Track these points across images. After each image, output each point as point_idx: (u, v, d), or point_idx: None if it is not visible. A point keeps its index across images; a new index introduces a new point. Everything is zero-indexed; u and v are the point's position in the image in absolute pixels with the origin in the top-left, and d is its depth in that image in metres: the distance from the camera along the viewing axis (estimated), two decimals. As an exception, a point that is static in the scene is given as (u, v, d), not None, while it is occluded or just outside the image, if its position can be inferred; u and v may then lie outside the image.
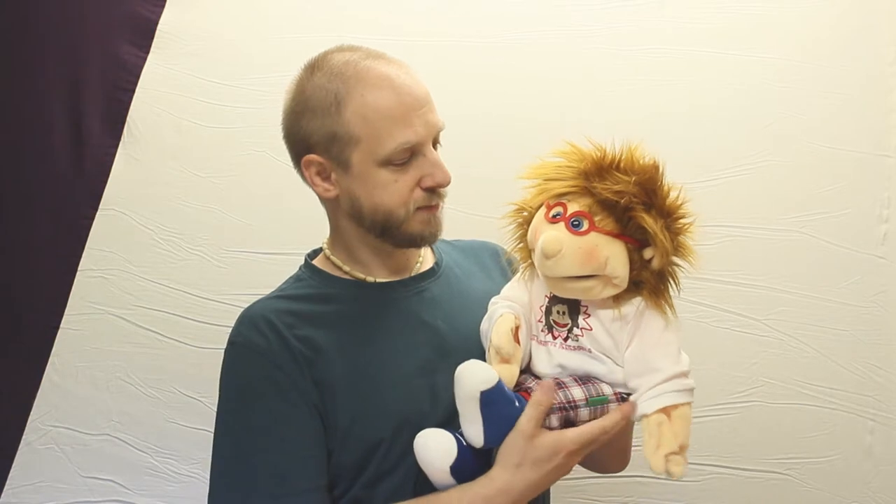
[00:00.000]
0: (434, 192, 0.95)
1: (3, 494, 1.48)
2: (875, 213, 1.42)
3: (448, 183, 0.94)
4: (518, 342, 0.91)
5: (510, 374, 0.89)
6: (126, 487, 1.49)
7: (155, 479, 1.49)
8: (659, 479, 1.42)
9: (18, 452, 1.48)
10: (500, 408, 0.86)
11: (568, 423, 0.89)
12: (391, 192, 0.92)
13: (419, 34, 1.46)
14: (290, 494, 0.88)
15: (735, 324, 1.42)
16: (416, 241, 0.97)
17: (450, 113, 0.97)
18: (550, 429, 0.88)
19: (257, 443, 0.90)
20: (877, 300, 1.41)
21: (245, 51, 1.49)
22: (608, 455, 1.04)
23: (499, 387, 0.85)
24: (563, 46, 1.46)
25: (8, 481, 1.48)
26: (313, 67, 0.94)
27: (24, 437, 1.48)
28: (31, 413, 1.48)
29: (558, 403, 0.88)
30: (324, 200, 1.00)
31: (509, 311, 0.93)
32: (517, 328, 0.92)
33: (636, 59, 1.45)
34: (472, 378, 0.85)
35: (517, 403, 0.87)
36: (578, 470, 1.18)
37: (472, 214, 1.08)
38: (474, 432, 0.85)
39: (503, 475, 0.87)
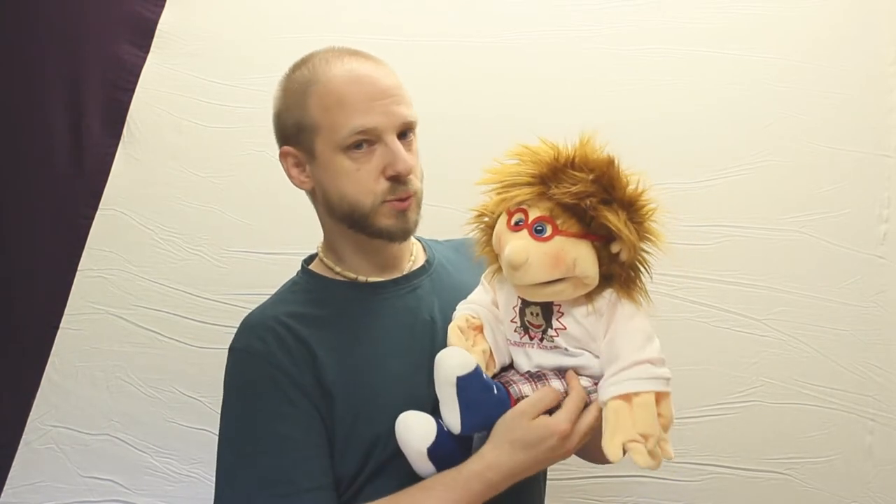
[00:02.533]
0: (399, 182, 0.94)
1: (3, 494, 1.48)
2: (875, 213, 1.42)
3: (408, 172, 0.94)
4: (482, 335, 0.93)
5: None
6: (126, 487, 1.49)
7: (155, 479, 1.49)
8: (659, 478, 1.42)
9: (18, 452, 1.48)
10: (477, 394, 0.86)
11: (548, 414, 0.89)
12: (353, 180, 0.93)
13: (419, 34, 1.46)
14: (296, 493, 0.88)
15: (735, 324, 1.42)
16: (385, 235, 0.97)
17: (449, 113, 0.97)
18: None
19: (260, 443, 0.90)
20: (877, 300, 1.41)
21: (245, 51, 1.49)
22: (598, 445, 1.04)
23: (476, 373, 0.86)
24: (563, 46, 1.46)
25: (8, 481, 1.48)
26: (294, 67, 0.99)
27: (24, 436, 1.48)
28: (31, 413, 1.48)
29: None
30: (309, 196, 1.02)
31: (466, 311, 0.95)
32: (479, 326, 0.93)
33: (636, 59, 1.45)
34: (448, 363, 0.86)
35: (496, 391, 0.87)
36: (578, 469, 1.18)
37: (467, 213, 1.08)
38: (452, 418, 0.86)
39: (494, 452, 0.87)
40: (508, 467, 0.87)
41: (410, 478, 0.91)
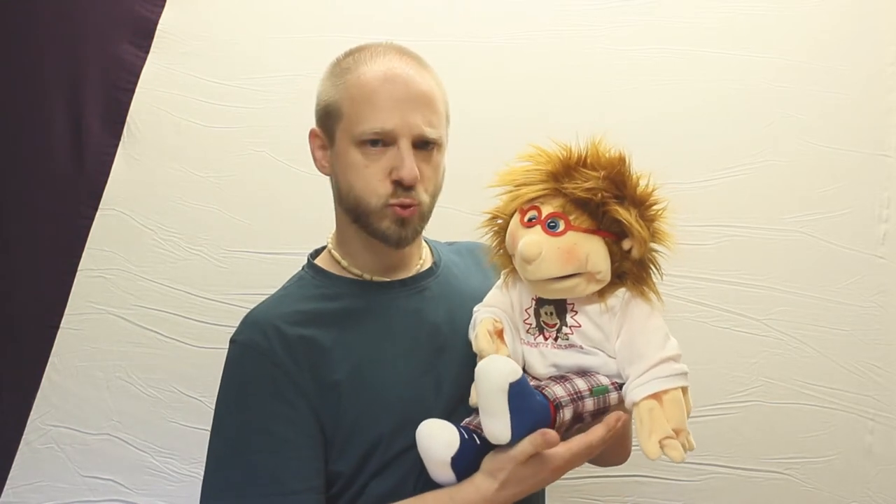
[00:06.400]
0: (403, 188, 0.93)
1: (3, 494, 1.48)
2: (875, 213, 1.42)
3: (410, 181, 0.92)
4: (503, 341, 0.92)
5: None
6: (126, 487, 1.49)
7: (155, 479, 1.49)
8: (659, 478, 1.42)
9: (18, 452, 1.48)
10: (527, 398, 0.84)
11: (576, 414, 0.88)
12: (361, 176, 0.94)
13: (419, 34, 1.44)
14: (282, 494, 0.88)
15: (735, 324, 1.43)
16: (382, 237, 0.96)
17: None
18: (564, 421, 0.87)
19: (251, 440, 0.90)
20: (876, 300, 1.41)
21: (245, 51, 1.49)
22: (608, 450, 1.04)
23: (524, 377, 0.84)
24: (562, 46, 1.46)
25: (8, 481, 1.48)
26: (347, 52, 0.99)
27: (24, 436, 1.48)
28: (31, 413, 1.48)
29: (569, 395, 0.87)
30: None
31: (489, 314, 0.94)
32: (500, 330, 0.92)
33: (636, 59, 1.45)
34: (499, 371, 0.82)
35: (538, 397, 0.86)
36: (578, 469, 1.18)
37: (470, 214, 1.09)
38: (500, 427, 0.82)
39: (489, 486, 0.87)
40: (503, 498, 0.87)
41: (409, 479, 0.92)
